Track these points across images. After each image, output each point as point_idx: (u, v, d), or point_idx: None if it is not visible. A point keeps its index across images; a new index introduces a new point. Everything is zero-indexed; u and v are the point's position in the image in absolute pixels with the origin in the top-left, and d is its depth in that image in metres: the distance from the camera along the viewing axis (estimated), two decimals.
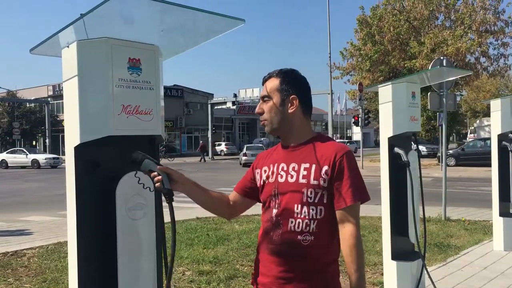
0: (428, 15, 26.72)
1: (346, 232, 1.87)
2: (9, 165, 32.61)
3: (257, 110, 2.02)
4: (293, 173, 1.92)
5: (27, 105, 48.80)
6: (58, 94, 47.89)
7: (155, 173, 1.82)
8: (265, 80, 2.03)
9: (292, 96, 1.96)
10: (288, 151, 1.99)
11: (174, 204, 1.81)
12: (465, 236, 7.48)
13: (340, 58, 29.36)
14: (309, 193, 1.88)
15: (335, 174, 1.87)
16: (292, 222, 1.89)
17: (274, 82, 2.00)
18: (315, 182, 1.88)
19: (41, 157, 32.45)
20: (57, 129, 42.60)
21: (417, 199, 4.06)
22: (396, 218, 4.09)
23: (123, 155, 1.95)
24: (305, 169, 1.90)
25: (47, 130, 40.47)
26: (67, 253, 1.99)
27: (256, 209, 2.20)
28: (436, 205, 9.50)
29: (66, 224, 1.97)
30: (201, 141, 42.64)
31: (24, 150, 33.92)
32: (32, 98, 48.16)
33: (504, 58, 26.71)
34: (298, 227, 1.88)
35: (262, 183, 2.03)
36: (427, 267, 4.21)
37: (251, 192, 2.10)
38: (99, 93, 1.87)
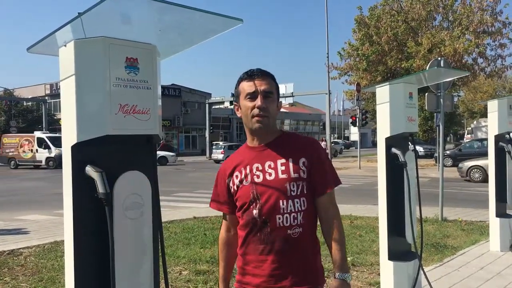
0: (426, 15, 26.82)
1: (329, 215, 1.98)
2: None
3: (261, 103, 1.95)
4: (270, 170, 1.94)
5: (24, 104, 48.66)
6: (55, 93, 47.83)
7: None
8: (263, 74, 2.01)
9: (280, 100, 2.07)
10: (258, 151, 2.01)
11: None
12: (461, 237, 7.50)
13: (338, 58, 29.44)
14: (291, 186, 1.92)
15: (313, 164, 1.95)
16: (279, 218, 1.91)
17: (272, 82, 2.02)
18: (296, 175, 1.93)
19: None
20: (54, 128, 42.52)
21: (414, 200, 4.06)
22: (393, 218, 4.09)
23: (120, 155, 1.95)
24: (282, 164, 1.94)
25: (44, 129, 40.36)
26: (63, 252, 1.99)
27: None
28: (433, 205, 9.52)
29: (63, 223, 1.96)
30: (162, 140, 43.05)
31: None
32: (29, 97, 48.04)
33: (502, 59, 26.83)
34: (286, 222, 1.91)
35: (236, 188, 2.01)
36: (423, 267, 4.22)
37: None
38: (96, 92, 1.86)
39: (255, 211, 1.94)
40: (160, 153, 34.21)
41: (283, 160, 1.94)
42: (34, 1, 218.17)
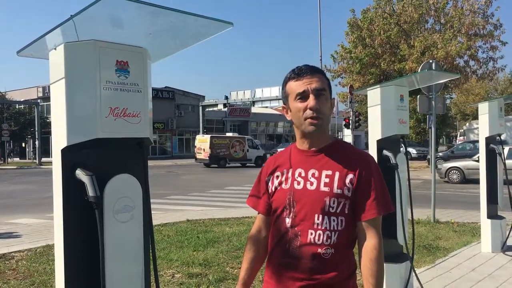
0: (418, 18, 27.01)
1: (368, 244, 1.78)
2: None
3: (314, 104, 1.74)
4: (313, 180, 1.77)
5: (17, 107, 48.34)
6: (47, 96, 47.48)
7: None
8: (312, 71, 1.80)
9: (333, 97, 1.84)
10: (306, 155, 1.83)
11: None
12: (453, 238, 7.54)
13: (331, 61, 29.56)
14: (331, 202, 1.74)
15: (361, 183, 1.76)
16: (312, 233, 1.74)
17: (323, 78, 1.81)
18: (339, 191, 1.74)
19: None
20: (47, 131, 42.25)
21: (406, 201, 4.08)
22: (385, 220, 4.09)
23: (111, 158, 1.94)
24: (327, 176, 1.76)
25: (36, 132, 40.09)
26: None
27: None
28: (425, 207, 9.57)
29: None
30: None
31: None
32: (22, 100, 47.73)
33: (493, 61, 27.06)
34: (318, 239, 1.74)
35: (273, 189, 1.87)
36: (415, 269, 4.24)
37: None
38: (86, 96, 1.86)
39: (287, 220, 1.78)
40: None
41: (329, 172, 1.76)
42: (24, 5, 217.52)
